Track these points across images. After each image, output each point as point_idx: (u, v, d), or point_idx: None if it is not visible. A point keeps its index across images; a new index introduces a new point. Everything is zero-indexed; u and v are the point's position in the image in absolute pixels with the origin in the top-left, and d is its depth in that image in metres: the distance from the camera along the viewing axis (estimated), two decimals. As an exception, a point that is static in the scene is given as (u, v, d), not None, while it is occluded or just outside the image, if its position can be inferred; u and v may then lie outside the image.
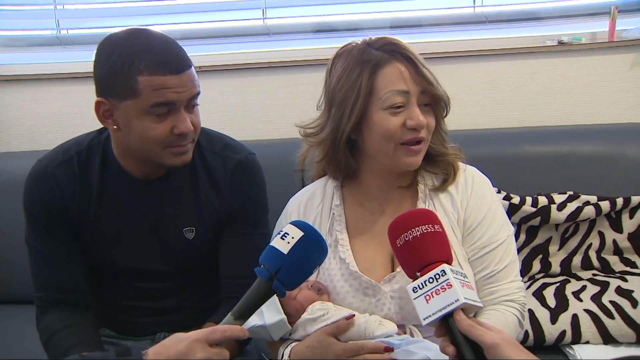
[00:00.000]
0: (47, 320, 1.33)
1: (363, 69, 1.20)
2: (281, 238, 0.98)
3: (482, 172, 1.34)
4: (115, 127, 1.24)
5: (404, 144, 1.22)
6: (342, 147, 1.26)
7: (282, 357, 1.19)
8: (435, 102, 1.25)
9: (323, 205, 1.34)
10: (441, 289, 0.91)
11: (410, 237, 0.97)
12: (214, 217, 1.37)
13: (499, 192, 1.77)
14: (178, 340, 0.97)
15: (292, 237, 0.98)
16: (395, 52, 1.22)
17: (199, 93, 1.25)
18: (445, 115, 1.29)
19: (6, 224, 1.89)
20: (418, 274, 0.96)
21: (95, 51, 1.22)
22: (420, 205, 1.28)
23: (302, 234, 0.98)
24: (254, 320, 1.18)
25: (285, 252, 0.97)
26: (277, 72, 2.15)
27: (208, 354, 0.94)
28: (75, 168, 1.33)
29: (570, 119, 2.10)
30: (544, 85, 2.10)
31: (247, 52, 2.20)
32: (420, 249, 0.97)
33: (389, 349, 1.12)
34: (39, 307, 1.36)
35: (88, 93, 1.32)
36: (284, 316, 1.19)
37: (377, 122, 1.21)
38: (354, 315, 1.17)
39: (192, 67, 1.23)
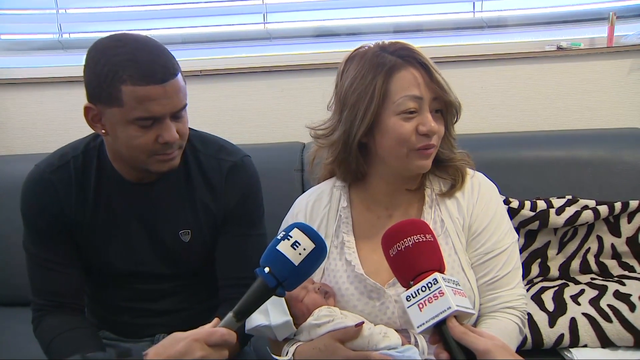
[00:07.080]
0: (46, 325, 1.33)
1: (377, 73, 1.20)
2: (291, 246, 0.97)
3: (489, 179, 1.34)
4: (103, 131, 1.24)
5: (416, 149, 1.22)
6: (354, 150, 1.26)
7: (287, 354, 1.20)
8: (446, 109, 1.25)
9: (330, 207, 1.34)
10: (433, 297, 0.92)
11: (403, 247, 0.97)
12: (210, 220, 1.37)
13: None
14: (177, 340, 0.98)
15: (304, 249, 0.96)
16: (409, 57, 1.21)
17: (184, 106, 1.23)
18: (456, 122, 1.29)
19: (7, 227, 1.89)
20: (411, 282, 0.96)
21: (85, 56, 1.22)
22: (427, 210, 1.28)
23: (313, 246, 0.97)
24: (259, 320, 1.19)
25: (296, 264, 0.96)
26: (277, 76, 2.16)
27: (207, 353, 0.95)
28: (71, 173, 1.33)
29: (569, 123, 2.11)
30: (543, 90, 2.11)
31: (247, 57, 2.21)
32: (412, 259, 0.97)
33: None
34: (37, 312, 1.36)
35: (90, 97, 1.32)
36: (289, 318, 1.19)
37: (390, 126, 1.21)
38: (363, 322, 1.16)
39: (179, 76, 1.21)
